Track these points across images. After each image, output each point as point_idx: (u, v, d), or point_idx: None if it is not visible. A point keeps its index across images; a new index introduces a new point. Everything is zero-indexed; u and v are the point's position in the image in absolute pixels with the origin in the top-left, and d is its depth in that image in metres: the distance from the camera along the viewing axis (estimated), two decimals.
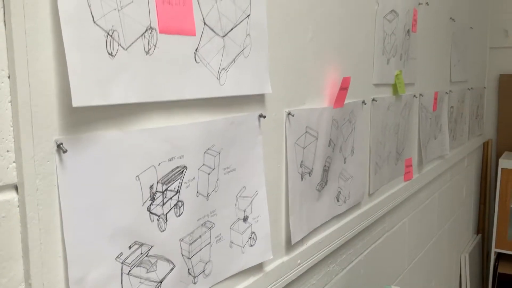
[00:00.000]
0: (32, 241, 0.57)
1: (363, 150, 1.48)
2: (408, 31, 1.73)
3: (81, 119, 0.62)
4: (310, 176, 1.19)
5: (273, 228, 1.07)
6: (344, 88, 1.24)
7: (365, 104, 1.46)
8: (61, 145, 0.59)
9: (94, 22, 0.61)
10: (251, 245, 0.98)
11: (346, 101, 1.31)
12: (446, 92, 2.35)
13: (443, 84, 2.29)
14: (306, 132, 1.15)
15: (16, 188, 0.57)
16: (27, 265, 0.58)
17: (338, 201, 1.33)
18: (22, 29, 0.54)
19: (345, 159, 1.38)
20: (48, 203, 0.59)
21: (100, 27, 0.62)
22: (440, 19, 2.17)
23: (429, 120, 2.13)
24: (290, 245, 1.13)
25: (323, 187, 1.26)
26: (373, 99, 1.52)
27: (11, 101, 0.55)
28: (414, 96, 1.90)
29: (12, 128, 0.55)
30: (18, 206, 0.57)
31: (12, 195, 0.56)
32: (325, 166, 1.25)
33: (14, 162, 0.56)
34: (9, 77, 0.55)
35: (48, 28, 0.57)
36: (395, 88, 1.68)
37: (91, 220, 0.64)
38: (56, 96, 0.58)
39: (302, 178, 1.15)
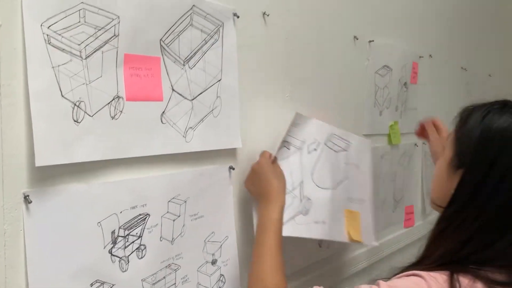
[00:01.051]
0: None
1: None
2: (405, 83, 1.80)
3: (49, 174, 0.75)
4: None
5: (246, 271, 1.15)
6: None
7: None
8: (27, 197, 0.72)
9: (62, 96, 0.75)
10: (220, 287, 1.07)
11: None
12: None
13: None
14: None
15: None
16: None
17: (320, 246, 1.40)
18: None
19: None
20: (14, 244, 0.71)
21: (68, 99, 0.76)
22: (449, 70, 2.23)
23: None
24: None
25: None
26: None
27: None
28: (415, 145, 1.95)
29: None
30: None
31: None
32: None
33: None
34: None
35: (21, 102, 0.71)
36: (390, 138, 1.74)
37: (54, 260, 0.76)
38: (25, 157, 0.72)
39: None
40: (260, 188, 1.06)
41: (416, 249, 1.93)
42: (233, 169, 1.08)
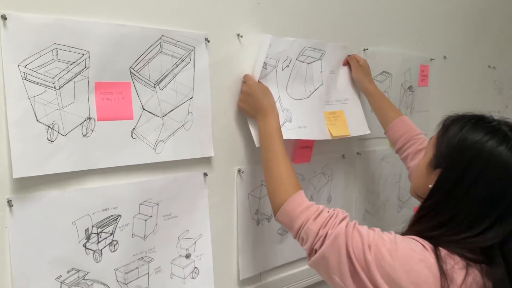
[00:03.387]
0: None
1: (344, 198, 1.64)
2: (410, 87, 1.84)
3: (28, 183, 0.94)
4: (269, 221, 1.40)
5: (225, 264, 1.30)
6: (305, 146, 1.44)
7: (345, 158, 1.61)
8: (9, 201, 0.91)
9: (37, 120, 0.93)
10: (193, 278, 1.23)
11: (320, 156, 1.50)
12: None
13: None
14: (262, 184, 1.36)
15: None
16: None
17: None
18: None
19: None
20: (0, 238, 0.91)
21: (42, 123, 0.94)
22: (472, 69, 2.21)
23: None
24: (241, 281, 1.34)
25: (286, 232, 1.45)
26: (357, 153, 1.67)
27: None
28: None
29: None
30: None
31: None
32: None
33: None
34: None
35: (3, 128, 0.90)
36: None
37: (33, 250, 0.95)
38: (8, 170, 0.91)
39: (258, 224, 1.37)
40: (255, 106, 1.22)
41: None
42: (206, 175, 1.23)
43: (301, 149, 1.43)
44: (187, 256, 1.22)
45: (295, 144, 1.42)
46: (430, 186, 0.96)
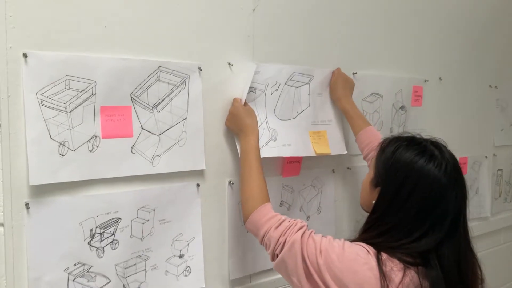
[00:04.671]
0: (8, 255, 1.10)
1: (334, 210, 1.78)
2: (402, 107, 1.97)
3: (43, 190, 1.14)
4: None
5: (216, 265, 1.47)
6: (293, 161, 1.60)
7: (335, 172, 1.76)
8: (27, 204, 1.12)
9: (51, 138, 1.14)
10: (186, 275, 1.40)
11: (310, 170, 1.66)
12: (486, 156, 2.42)
13: (479, 149, 2.38)
14: None
15: (3, 225, 1.10)
16: (5, 267, 1.11)
17: None
18: (8, 145, 1.09)
19: (308, 217, 1.70)
20: (19, 234, 1.11)
21: (55, 140, 1.15)
22: (472, 89, 2.30)
23: None
24: (231, 280, 1.51)
25: None
26: (348, 167, 1.81)
27: (2, 181, 1.09)
28: None
29: (2, 195, 1.10)
30: (3, 235, 1.10)
31: (0, 229, 1.10)
32: None
33: (2, 212, 1.10)
34: (1, 169, 1.09)
35: (22, 144, 1.11)
36: None
37: (46, 246, 1.15)
38: (25, 179, 1.12)
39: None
40: (239, 125, 1.39)
41: None
42: (199, 185, 1.41)
43: (290, 164, 1.59)
44: (181, 256, 1.39)
45: (284, 159, 1.58)
46: (373, 202, 1.11)
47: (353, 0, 1.75)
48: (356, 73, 1.78)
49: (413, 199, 1.04)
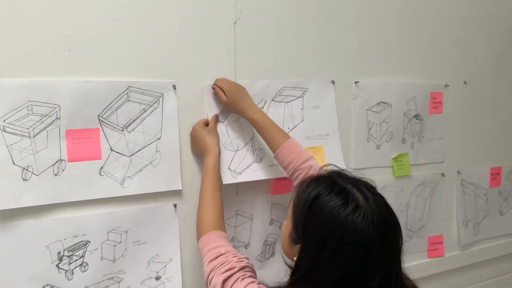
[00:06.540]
0: None
1: None
2: (416, 115, 1.82)
3: (8, 214, 1.16)
4: (246, 248, 1.51)
5: (196, 287, 1.44)
6: (283, 178, 1.52)
7: None
8: None
9: (14, 164, 1.16)
10: None
11: None
12: None
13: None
14: (237, 214, 1.48)
15: None
16: None
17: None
18: None
19: None
20: None
21: (18, 166, 1.16)
22: (499, 93, 2.09)
23: (483, 196, 2.07)
24: None
25: (267, 258, 1.55)
26: None
27: None
28: (442, 174, 1.92)
29: None
30: None
31: None
32: (266, 241, 1.54)
33: None
34: None
35: None
36: (394, 170, 1.79)
37: (13, 268, 1.17)
38: None
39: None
40: (200, 147, 1.35)
41: (455, 278, 1.97)
42: (176, 206, 1.37)
43: (279, 181, 1.52)
44: (157, 278, 1.37)
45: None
46: (295, 258, 0.98)
47: (351, 3, 1.63)
48: (358, 81, 1.66)
49: (336, 259, 0.90)
